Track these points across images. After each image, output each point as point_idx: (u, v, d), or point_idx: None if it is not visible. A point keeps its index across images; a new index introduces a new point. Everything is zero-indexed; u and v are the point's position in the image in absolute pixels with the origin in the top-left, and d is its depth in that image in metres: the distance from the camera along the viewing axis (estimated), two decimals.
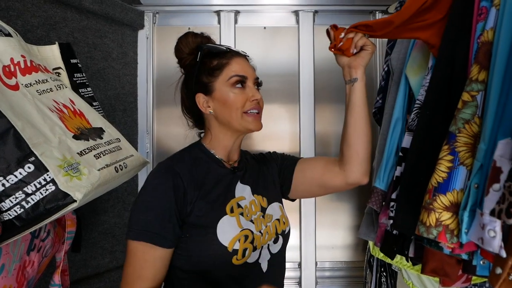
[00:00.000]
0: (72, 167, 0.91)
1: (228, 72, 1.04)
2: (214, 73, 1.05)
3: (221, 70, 1.04)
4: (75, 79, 1.18)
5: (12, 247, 0.94)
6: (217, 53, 1.07)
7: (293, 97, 1.99)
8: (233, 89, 1.03)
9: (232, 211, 1.02)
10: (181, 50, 1.09)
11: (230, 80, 1.03)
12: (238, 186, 1.09)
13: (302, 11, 1.98)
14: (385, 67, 1.45)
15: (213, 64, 1.05)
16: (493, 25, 0.79)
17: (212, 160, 1.08)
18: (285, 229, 1.13)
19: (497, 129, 0.71)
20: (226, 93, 1.03)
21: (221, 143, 1.10)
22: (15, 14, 1.30)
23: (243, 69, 1.06)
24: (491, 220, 0.67)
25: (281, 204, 1.19)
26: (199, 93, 1.06)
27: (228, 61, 1.05)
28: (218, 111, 1.06)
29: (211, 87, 1.05)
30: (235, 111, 1.03)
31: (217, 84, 1.04)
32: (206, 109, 1.07)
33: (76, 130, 1.00)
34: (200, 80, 1.06)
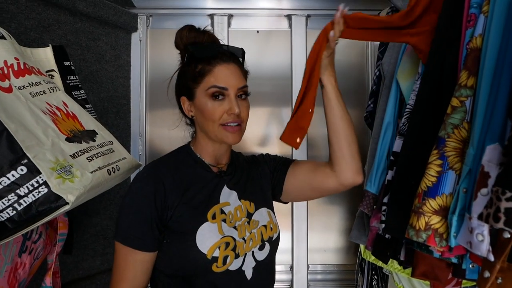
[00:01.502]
0: (64, 169, 0.91)
1: (208, 82, 0.99)
2: (197, 80, 1.01)
3: (202, 77, 1.00)
4: (68, 82, 1.18)
5: (4, 249, 0.93)
6: (201, 58, 1.01)
7: (285, 100, 2.00)
8: (211, 100, 0.99)
9: (214, 218, 1.00)
10: (177, 44, 1.06)
11: (208, 90, 0.99)
12: (224, 191, 1.06)
13: (294, 15, 1.99)
14: (377, 72, 1.47)
15: (197, 68, 1.01)
16: (481, 32, 0.81)
17: (198, 164, 1.06)
18: (272, 236, 1.10)
19: (485, 134, 0.72)
20: (204, 102, 1.00)
21: (205, 148, 1.08)
22: (9, 17, 1.30)
23: (225, 79, 1.00)
24: (479, 224, 0.68)
25: (270, 209, 1.15)
26: (183, 97, 1.05)
27: (211, 69, 1.00)
28: (198, 118, 1.04)
29: (193, 93, 1.02)
30: (211, 123, 1.00)
31: (198, 91, 1.01)
32: (189, 113, 1.05)
33: (69, 133, 1.00)
34: (185, 83, 1.03)
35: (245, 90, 1.04)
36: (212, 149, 1.07)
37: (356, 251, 1.86)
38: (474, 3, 0.86)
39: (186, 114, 1.06)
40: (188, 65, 1.03)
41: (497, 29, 0.75)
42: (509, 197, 0.60)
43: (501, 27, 0.74)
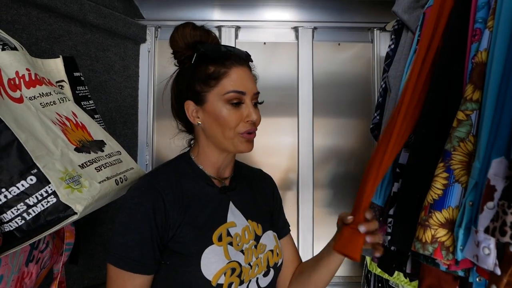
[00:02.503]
0: (73, 179, 0.92)
1: (225, 85, 0.91)
2: (209, 83, 0.92)
3: (217, 81, 0.92)
4: (78, 92, 1.19)
5: (11, 258, 0.94)
6: (215, 58, 0.93)
7: (292, 111, 2.01)
8: (228, 106, 0.92)
9: (220, 240, 0.91)
10: (176, 43, 0.97)
11: (226, 95, 0.91)
12: (230, 210, 0.98)
13: (301, 27, 2.01)
14: (383, 84, 1.47)
15: (209, 71, 0.92)
16: (486, 46, 0.81)
17: (200, 177, 0.98)
18: (277, 262, 1.03)
19: (491, 148, 0.73)
20: (219, 108, 0.92)
21: (208, 158, 0.99)
22: (21, 28, 1.33)
23: (243, 82, 0.93)
24: (486, 237, 0.68)
25: (275, 232, 1.08)
26: (189, 101, 0.96)
27: (227, 71, 0.92)
28: (207, 125, 0.95)
29: (203, 98, 0.93)
30: (227, 130, 0.92)
31: (210, 95, 0.92)
32: (195, 119, 0.96)
33: (78, 143, 1.01)
34: (192, 87, 0.94)
35: (258, 96, 0.99)
36: (216, 160, 0.99)
37: (362, 263, 1.85)
38: (479, 18, 0.86)
39: (191, 120, 0.97)
40: (197, 66, 0.94)
41: (502, 44, 0.75)
42: None
43: (506, 42, 0.75)
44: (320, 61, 2.01)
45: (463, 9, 0.93)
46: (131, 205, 0.88)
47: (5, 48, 0.98)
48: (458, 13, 0.95)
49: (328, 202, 2.02)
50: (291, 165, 2.01)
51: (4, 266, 0.92)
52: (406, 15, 1.31)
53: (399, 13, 1.32)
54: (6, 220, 0.84)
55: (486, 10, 0.86)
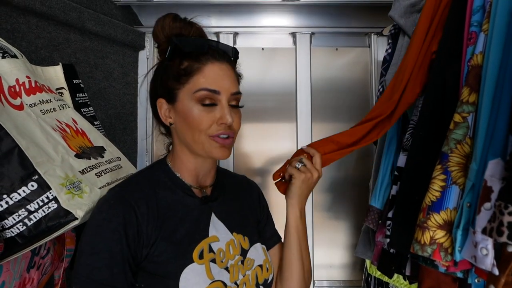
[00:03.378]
0: (74, 185, 0.93)
1: (197, 83, 0.82)
2: (181, 79, 0.83)
3: (188, 77, 0.82)
4: (78, 99, 1.20)
5: (13, 264, 0.94)
6: (189, 52, 0.84)
7: (290, 116, 2.02)
8: (198, 106, 0.82)
9: (201, 257, 0.81)
10: (156, 36, 0.88)
11: (196, 93, 0.81)
12: (212, 222, 0.88)
13: (299, 33, 2.03)
14: (380, 88, 1.49)
15: (182, 65, 0.83)
16: (482, 49, 0.83)
17: (178, 186, 0.88)
18: (267, 278, 0.93)
19: (488, 150, 0.74)
20: (189, 107, 0.82)
21: (184, 165, 0.90)
22: (20, 36, 1.34)
23: (217, 80, 0.83)
24: (483, 238, 0.69)
25: (264, 245, 0.99)
26: (161, 99, 0.87)
27: (200, 67, 0.82)
28: (178, 126, 0.86)
29: (175, 95, 0.84)
30: (197, 132, 0.83)
31: (181, 93, 0.83)
32: (167, 119, 0.87)
33: (78, 149, 1.02)
34: (165, 83, 0.85)
35: (238, 97, 0.88)
36: (194, 166, 0.90)
37: (362, 266, 1.86)
38: (475, 21, 0.88)
39: (163, 120, 0.88)
40: (170, 60, 0.85)
41: (497, 47, 0.77)
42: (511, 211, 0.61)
43: (501, 45, 0.76)
44: (318, 66, 2.03)
45: (458, 12, 0.95)
46: (98, 221, 0.77)
47: (5, 56, 0.98)
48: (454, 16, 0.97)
49: (327, 206, 2.02)
50: None
51: (6, 272, 0.92)
52: (403, 20, 1.32)
53: (396, 18, 1.33)
54: (7, 226, 0.84)
55: (481, 14, 0.88)
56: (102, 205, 0.80)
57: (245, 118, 1.95)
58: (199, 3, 1.84)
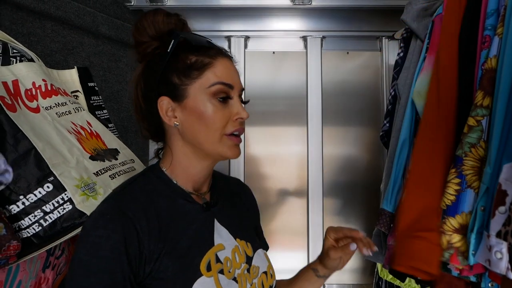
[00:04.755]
0: (88, 187, 0.94)
1: (210, 77, 0.77)
2: (191, 74, 0.77)
3: (201, 72, 0.77)
4: (92, 102, 1.22)
5: (29, 264, 0.96)
6: (197, 47, 0.80)
7: (301, 120, 2.02)
8: (214, 101, 0.77)
9: (208, 269, 0.74)
10: (145, 31, 0.79)
11: (212, 88, 0.77)
12: (216, 230, 0.82)
13: (310, 36, 2.03)
14: (392, 92, 1.48)
15: (189, 61, 0.78)
16: (496, 53, 0.83)
17: (177, 194, 0.81)
18: (272, 284, 0.89)
19: (502, 153, 0.73)
20: (203, 104, 0.77)
21: (185, 170, 0.82)
22: (36, 40, 1.36)
23: (230, 75, 0.80)
24: (498, 242, 0.68)
25: (265, 250, 0.95)
26: (163, 97, 0.79)
27: (212, 61, 0.78)
28: (187, 125, 0.79)
29: (183, 92, 0.78)
30: (212, 131, 0.77)
31: (192, 89, 0.77)
32: (171, 119, 0.79)
33: (93, 151, 1.03)
34: (168, 79, 0.78)
35: (243, 94, 0.85)
36: (195, 171, 0.83)
37: (373, 271, 1.84)
38: (489, 25, 0.88)
39: (166, 120, 0.79)
40: (174, 55, 0.79)
41: (511, 50, 0.76)
42: None
43: None
44: (328, 70, 2.03)
45: (472, 16, 0.95)
46: (94, 239, 0.68)
47: (22, 60, 1.00)
48: (468, 20, 0.96)
49: (338, 210, 2.01)
50: (301, 174, 2.01)
51: (22, 272, 0.93)
52: (415, 24, 1.32)
53: (408, 22, 1.33)
54: (24, 226, 0.85)
55: (495, 17, 0.88)
56: (97, 220, 0.71)
57: (255, 122, 1.97)
58: (211, 7, 1.85)
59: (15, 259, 0.82)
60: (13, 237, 0.80)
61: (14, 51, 1.00)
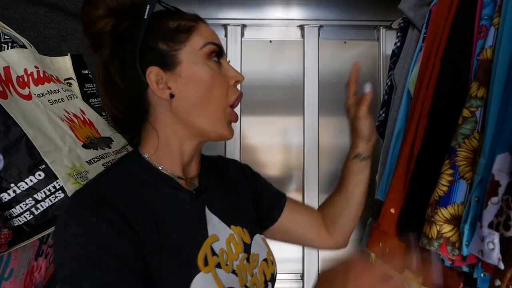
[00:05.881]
0: (81, 175, 0.94)
1: (199, 38, 0.70)
2: (179, 38, 0.69)
3: (188, 35, 0.70)
4: (86, 90, 1.21)
5: (21, 252, 0.95)
6: (174, 12, 0.74)
7: (297, 110, 2.01)
8: (210, 63, 0.70)
9: (206, 264, 0.66)
10: (100, 4, 0.68)
11: (204, 49, 0.70)
12: (208, 218, 0.73)
13: (307, 25, 2.01)
14: (388, 82, 1.48)
15: (172, 25, 0.70)
16: (492, 44, 0.82)
17: (162, 182, 0.71)
18: (273, 272, 0.82)
19: (496, 144, 0.73)
20: (200, 67, 0.69)
21: (173, 151, 0.72)
22: (29, 26, 1.34)
23: (215, 37, 0.73)
24: (490, 232, 0.69)
25: (263, 235, 0.87)
26: (152, 67, 0.68)
27: (196, 25, 0.71)
28: (184, 95, 0.69)
29: (174, 59, 0.69)
30: (214, 99, 0.70)
31: (183, 53, 0.69)
32: (164, 91, 0.69)
33: (86, 139, 1.02)
34: (153, 47, 0.69)
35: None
36: (184, 150, 0.73)
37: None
38: (485, 15, 0.87)
39: (157, 93, 0.69)
40: (153, 22, 0.69)
41: (507, 41, 0.76)
42: None
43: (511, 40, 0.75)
44: (326, 60, 2.01)
45: (469, 5, 0.94)
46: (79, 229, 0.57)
47: (14, 46, 0.99)
48: (464, 9, 0.96)
49: None
50: (297, 164, 2.01)
51: (14, 260, 0.93)
52: (412, 13, 1.31)
53: (405, 11, 1.32)
54: (15, 214, 0.85)
55: (492, 7, 0.87)
56: (74, 212, 0.59)
57: (251, 111, 1.96)
58: None
59: (6, 248, 0.82)
60: (4, 225, 0.80)
61: (5, 37, 0.99)
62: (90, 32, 0.72)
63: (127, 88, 0.70)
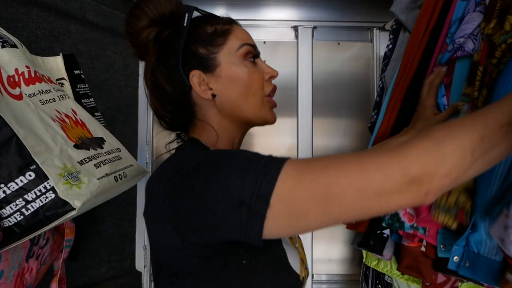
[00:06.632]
0: (72, 175, 0.93)
1: (235, 40, 0.77)
2: (216, 41, 0.76)
3: (225, 37, 0.77)
4: (78, 90, 1.20)
5: (12, 253, 0.95)
6: (210, 17, 0.80)
7: (291, 111, 2.02)
8: (246, 63, 0.77)
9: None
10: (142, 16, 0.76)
11: (240, 50, 0.77)
12: None
13: (301, 26, 2.02)
14: (380, 84, 1.48)
15: (209, 30, 0.77)
16: None
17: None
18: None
19: None
20: (238, 67, 0.76)
21: (229, 140, 0.82)
22: (21, 26, 1.33)
23: (250, 37, 0.81)
24: None
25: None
26: (194, 71, 0.77)
27: (230, 28, 0.78)
28: (225, 94, 0.77)
29: (213, 61, 0.76)
30: (252, 94, 0.77)
31: (221, 56, 0.76)
32: (206, 92, 0.77)
33: (77, 140, 1.02)
34: (193, 52, 0.77)
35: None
36: (236, 140, 0.83)
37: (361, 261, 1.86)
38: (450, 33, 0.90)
39: (201, 94, 0.77)
40: (191, 29, 0.77)
41: None
42: None
43: None
44: (319, 61, 2.02)
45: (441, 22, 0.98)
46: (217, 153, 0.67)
47: (4, 46, 0.98)
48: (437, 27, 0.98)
49: None
50: None
51: (5, 262, 0.93)
52: (404, 15, 1.31)
53: (397, 13, 1.33)
54: (5, 215, 0.85)
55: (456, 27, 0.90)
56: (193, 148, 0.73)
57: None
58: None
59: None
60: None
61: None
62: (135, 42, 0.80)
63: (173, 91, 0.79)
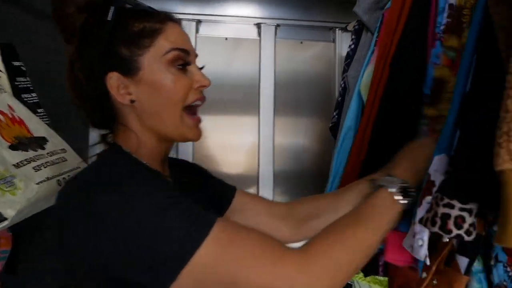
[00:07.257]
0: (5, 180, 0.85)
1: (164, 43, 0.69)
2: (142, 42, 0.68)
3: (152, 39, 0.68)
4: (17, 83, 1.10)
5: None
6: (142, 12, 0.71)
7: (253, 109, 1.99)
8: (172, 70, 0.69)
9: None
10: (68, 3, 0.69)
11: (167, 55, 0.69)
12: None
13: (264, 24, 1.99)
14: (342, 84, 1.47)
15: (137, 28, 0.69)
16: None
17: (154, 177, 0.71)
18: None
19: None
20: (161, 74, 0.68)
21: (150, 150, 0.74)
22: None
23: (184, 40, 0.73)
24: (421, 229, 0.69)
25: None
26: (112, 72, 0.68)
27: (162, 27, 0.70)
28: (145, 101, 0.70)
29: (136, 64, 0.68)
30: (173, 104, 0.70)
31: (145, 59, 0.68)
32: (125, 97, 0.69)
33: (14, 140, 0.94)
34: (115, 52, 0.68)
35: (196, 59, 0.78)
36: (159, 149, 0.75)
37: None
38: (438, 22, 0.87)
39: (119, 99, 0.69)
40: (117, 24, 0.68)
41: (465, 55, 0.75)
42: (446, 204, 0.62)
43: None
44: (282, 59, 2.00)
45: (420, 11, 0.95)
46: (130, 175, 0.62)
47: None
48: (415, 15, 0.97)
49: (288, 199, 2.00)
50: (252, 163, 1.98)
51: None
52: (367, 16, 1.30)
53: (360, 14, 1.31)
54: None
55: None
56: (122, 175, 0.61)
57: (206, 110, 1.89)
58: None
59: None
60: None
61: None
62: (62, 27, 0.72)
63: (90, 88, 0.70)
